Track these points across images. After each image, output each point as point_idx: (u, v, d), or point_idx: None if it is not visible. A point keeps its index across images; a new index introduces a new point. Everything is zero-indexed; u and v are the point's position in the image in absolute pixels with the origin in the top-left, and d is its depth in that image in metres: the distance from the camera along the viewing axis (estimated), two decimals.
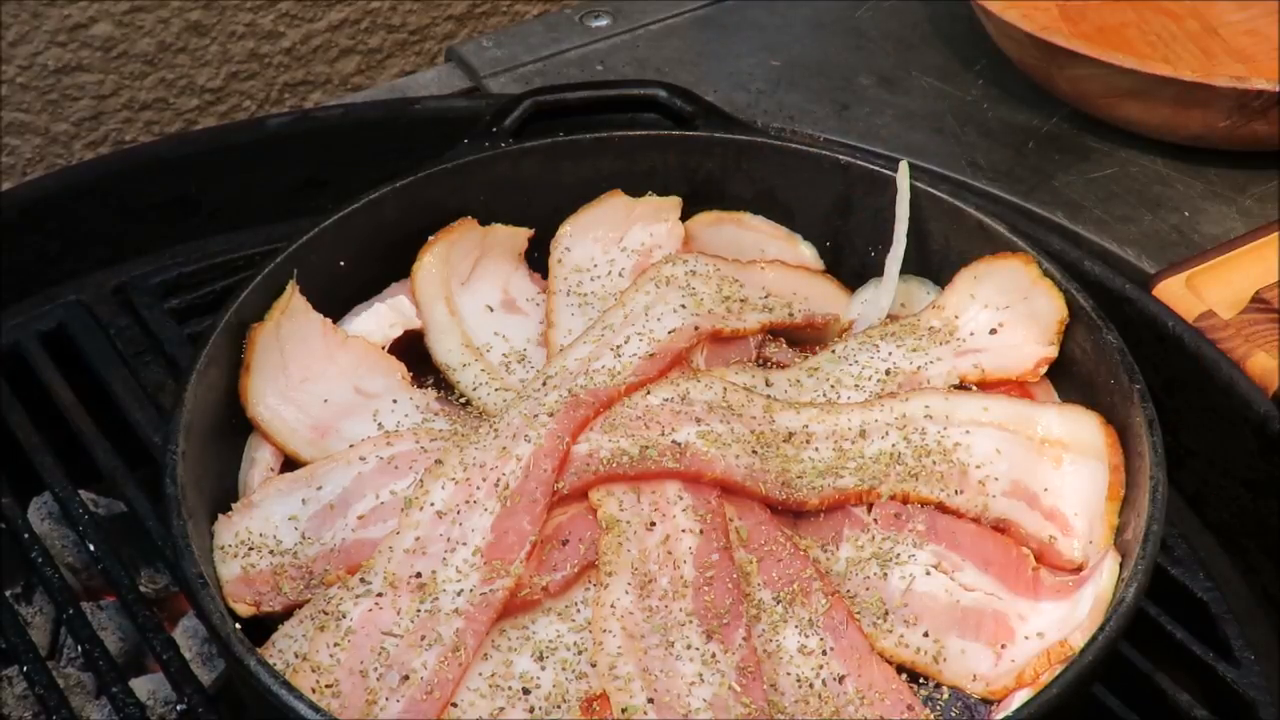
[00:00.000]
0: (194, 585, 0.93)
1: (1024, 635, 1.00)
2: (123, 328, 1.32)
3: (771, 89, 1.67)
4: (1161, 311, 1.30)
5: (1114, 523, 1.02)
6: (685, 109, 1.32)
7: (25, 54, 1.66)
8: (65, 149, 1.76)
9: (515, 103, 1.30)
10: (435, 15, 1.92)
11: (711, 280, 1.21)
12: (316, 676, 0.92)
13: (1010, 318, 1.17)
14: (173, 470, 0.98)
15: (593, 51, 1.74)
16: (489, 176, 1.25)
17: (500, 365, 1.19)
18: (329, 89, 1.90)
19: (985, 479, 1.07)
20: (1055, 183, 1.54)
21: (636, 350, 1.13)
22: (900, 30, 1.78)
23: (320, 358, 1.14)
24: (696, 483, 1.05)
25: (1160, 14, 1.72)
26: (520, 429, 1.05)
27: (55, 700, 1.05)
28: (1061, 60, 1.54)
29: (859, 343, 1.19)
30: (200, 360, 1.05)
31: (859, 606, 1.01)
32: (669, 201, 1.28)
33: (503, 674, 0.95)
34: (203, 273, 1.37)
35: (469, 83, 1.70)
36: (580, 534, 1.02)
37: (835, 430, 1.10)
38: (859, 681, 0.96)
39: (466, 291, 1.23)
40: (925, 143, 1.60)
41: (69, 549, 1.21)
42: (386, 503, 1.05)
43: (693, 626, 0.97)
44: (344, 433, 1.11)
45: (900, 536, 1.05)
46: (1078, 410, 1.09)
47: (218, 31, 1.77)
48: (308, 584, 1.00)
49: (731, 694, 0.93)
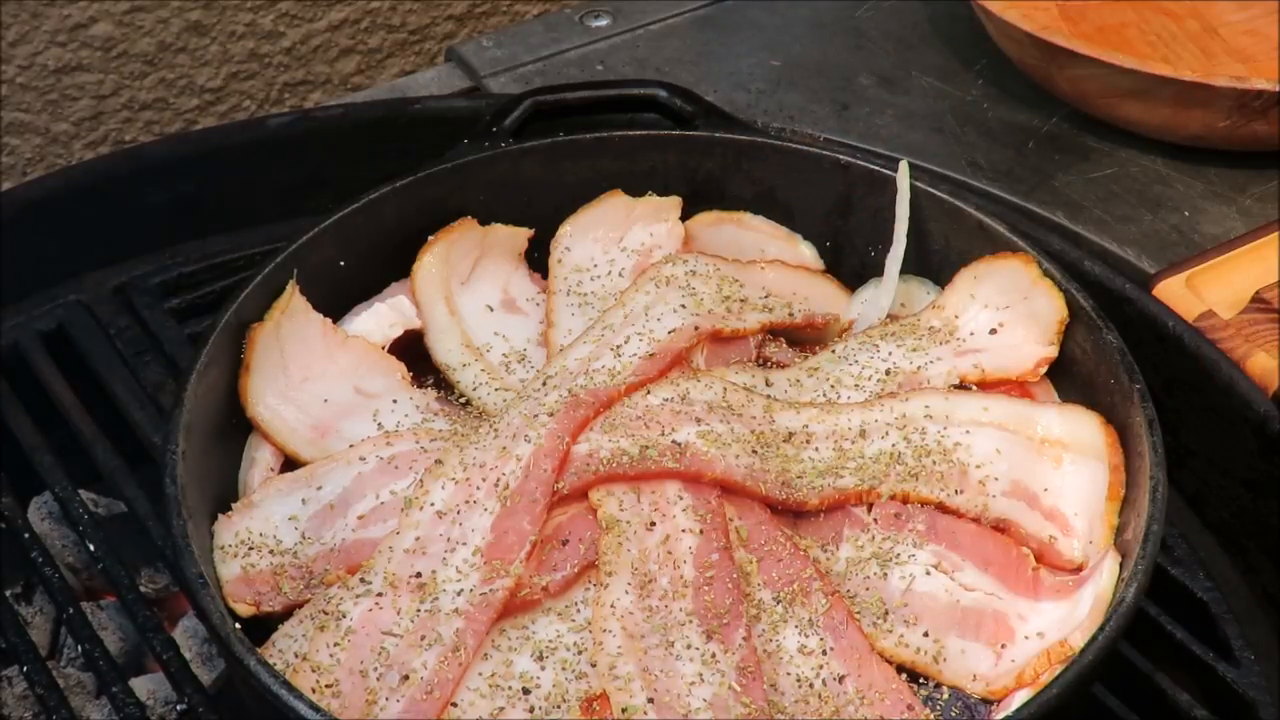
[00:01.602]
0: (194, 585, 0.93)
1: (1024, 635, 1.00)
2: (123, 328, 1.32)
3: (771, 89, 1.67)
4: (1161, 311, 1.30)
5: (1114, 523, 1.02)
6: (685, 109, 1.32)
7: (25, 54, 1.66)
8: (65, 149, 1.76)
9: (515, 103, 1.30)
10: (435, 15, 1.92)
11: (711, 280, 1.21)
12: (316, 676, 0.92)
13: (1010, 318, 1.17)
14: (173, 470, 0.98)
15: (593, 51, 1.74)
16: (489, 176, 1.25)
17: (500, 365, 1.19)
18: (329, 89, 1.90)
19: (985, 479, 1.07)
20: (1055, 183, 1.54)
21: (636, 350, 1.13)
22: (900, 30, 1.78)
23: (320, 358, 1.14)
24: (696, 483, 1.05)
25: (1160, 14, 1.72)
26: (520, 429, 1.05)
27: (55, 700, 1.05)
28: (1061, 60, 1.54)
29: (859, 343, 1.19)
30: (200, 360, 1.05)
31: (859, 606, 1.01)
32: (669, 201, 1.28)
33: (503, 674, 0.95)
34: (203, 273, 1.37)
35: (469, 83, 1.70)
36: (580, 534, 1.02)
37: (835, 430, 1.10)
38: (859, 681, 0.96)
39: (466, 291, 1.23)
40: (925, 143, 1.60)
41: (69, 549, 1.21)
42: (386, 503, 1.05)
43: (693, 626, 0.97)
44: (344, 433, 1.11)
45: (900, 536, 1.05)
46: (1078, 410, 1.09)
47: (218, 31, 1.77)
48: (308, 584, 1.00)
49: (731, 694, 0.93)
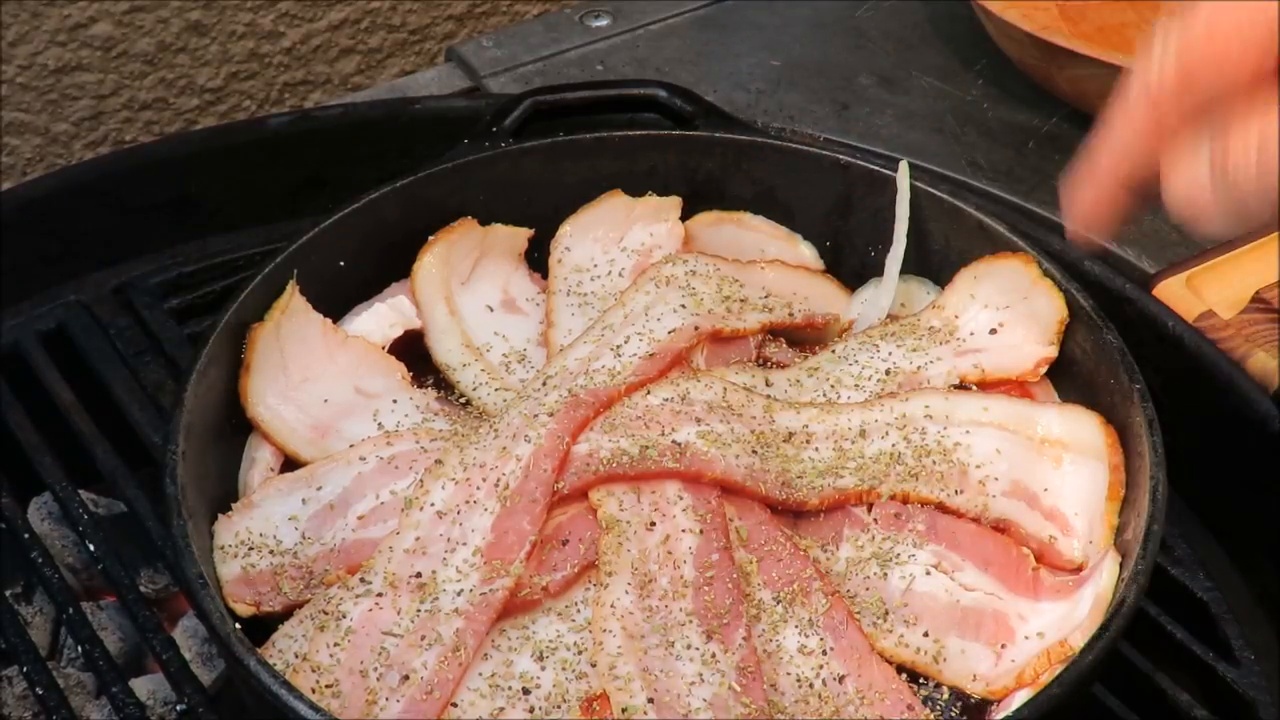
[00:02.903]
0: (194, 585, 0.93)
1: (1024, 635, 1.00)
2: (123, 328, 1.31)
3: (771, 89, 1.67)
4: (1161, 311, 1.30)
5: (1114, 523, 1.02)
6: (685, 109, 1.32)
7: (25, 54, 1.66)
8: (65, 149, 1.76)
9: (515, 103, 1.30)
10: (435, 15, 1.92)
11: (711, 280, 1.21)
12: (316, 676, 0.92)
13: (1010, 318, 1.17)
14: (173, 470, 0.98)
15: (593, 51, 1.74)
16: (489, 176, 1.25)
17: (500, 365, 1.19)
18: (329, 89, 1.90)
19: (985, 479, 1.07)
20: (1055, 183, 1.53)
21: (636, 350, 1.13)
22: (900, 30, 1.78)
23: (320, 358, 1.14)
24: (696, 483, 1.04)
25: (1160, 14, 1.72)
26: (520, 429, 1.05)
27: (55, 700, 1.05)
28: (1061, 60, 1.54)
29: (859, 343, 1.19)
30: (200, 360, 1.05)
31: (859, 606, 1.01)
32: (669, 201, 1.28)
33: (503, 674, 0.95)
34: (203, 273, 1.37)
35: (469, 83, 1.70)
36: (580, 534, 1.02)
37: (835, 430, 1.10)
38: (859, 681, 0.96)
39: (466, 291, 1.23)
40: (925, 143, 1.60)
41: (69, 549, 1.21)
42: (386, 503, 1.05)
43: (693, 626, 0.97)
44: (344, 433, 1.11)
45: (900, 536, 1.05)
46: (1078, 410, 1.09)
47: (218, 31, 1.77)
48: (308, 584, 1.00)
49: (731, 694, 0.93)
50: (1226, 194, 0.77)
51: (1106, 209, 0.86)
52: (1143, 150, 0.81)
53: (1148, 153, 0.81)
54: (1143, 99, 0.80)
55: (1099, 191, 0.85)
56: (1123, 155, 0.83)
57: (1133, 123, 0.81)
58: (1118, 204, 0.85)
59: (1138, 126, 0.81)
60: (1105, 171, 0.84)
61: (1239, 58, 0.76)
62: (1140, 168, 0.82)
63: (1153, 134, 0.80)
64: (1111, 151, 0.83)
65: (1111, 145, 0.83)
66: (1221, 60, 0.76)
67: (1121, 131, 0.82)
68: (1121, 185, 0.84)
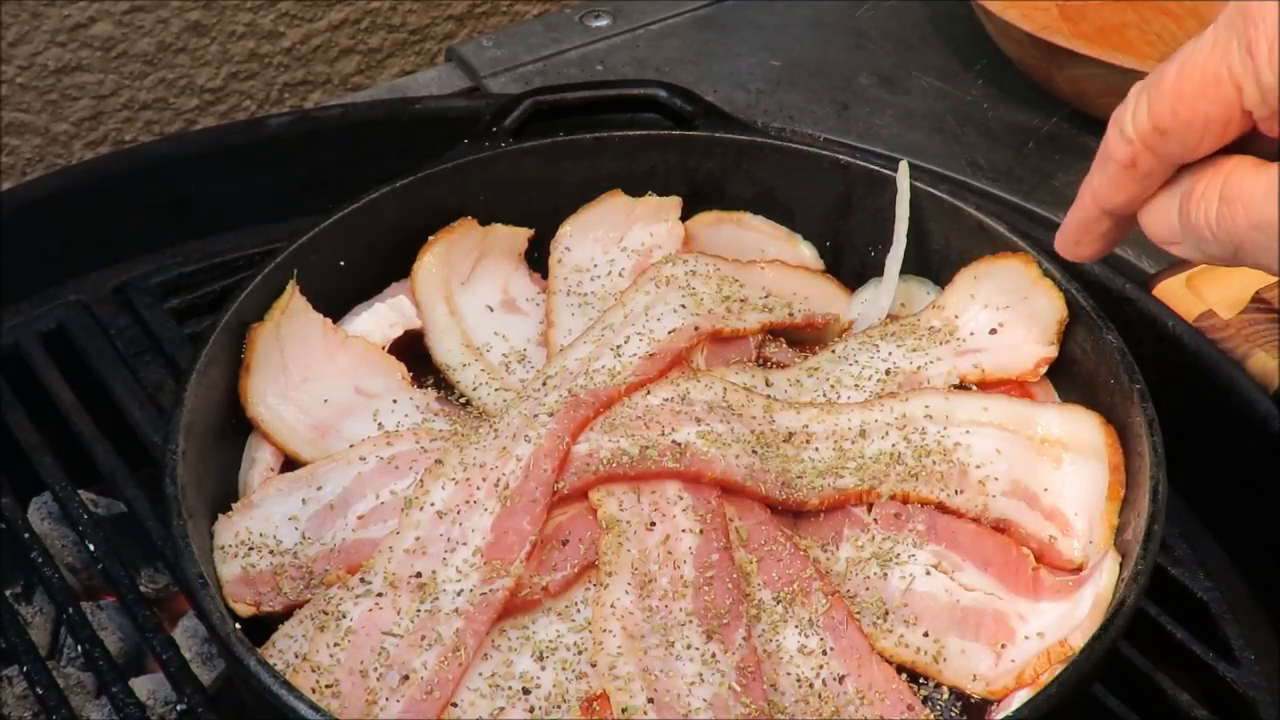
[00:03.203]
0: (194, 585, 0.93)
1: (1024, 635, 1.00)
2: (123, 328, 1.31)
3: (771, 89, 1.67)
4: (1161, 311, 1.30)
5: (1114, 523, 1.02)
6: (685, 109, 1.32)
7: (25, 54, 1.66)
8: (65, 149, 1.76)
9: (515, 103, 1.30)
10: (435, 15, 1.92)
11: (711, 280, 1.21)
12: (316, 676, 0.92)
13: (1010, 318, 1.17)
14: (173, 470, 0.98)
15: (593, 51, 1.74)
16: (489, 176, 1.25)
17: (500, 365, 1.19)
18: (329, 89, 1.90)
19: (985, 479, 1.07)
20: (1055, 183, 1.54)
21: (636, 350, 1.13)
22: (900, 30, 1.78)
23: (320, 358, 1.14)
24: (696, 483, 1.04)
25: (1160, 14, 1.72)
26: (520, 429, 1.05)
27: (55, 700, 1.05)
28: (1061, 60, 1.54)
29: (859, 343, 1.19)
30: (200, 360, 1.05)
31: (859, 606, 1.01)
32: (669, 201, 1.28)
33: (503, 674, 0.95)
34: (203, 273, 1.37)
35: (469, 83, 1.70)
36: (580, 534, 1.02)
37: (835, 430, 1.10)
38: (859, 681, 0.96)
39: (466, 291, 1.23)
40: (925, 143, 1.60)
41: (69, 549, 1.21)
42: (386, 503, 1.05)
43: (693, 626, 0.97)
44: (344, 433, 1.11)
45: (900, 536, 1.05)
46: (1078, 410, 1.09)
47: (218, 31, 1.77)
48: (308, 584, 1.00)
49: (731, 694, 0.93)
50: (1188, 237, 0.85)
51: (1091, 237, 0.94)
52: (1122, 190, 0.89)
53: (1126, 192, 0.89)
54: (1121, 147, 0.86)
55: (1084, 219, 0.93)
56: (1105, 194, 0.90)
57: (1110, 167, 0.88)
58: (1103, 233, 0.94)
59: (1115, 170, 0.88)
60: (1088, 207, 0.92)
61: (1205, 118, 0.82)
62: (1120, 206, 0.90)
63: (1130, 177, 0.87)
64: (1094, 191, 0.91)
65: (1094, 186, 0.91)
66: (1189, 118, 0.82)
67: (1101, 173, 0.89)
68: (1104, 217, 0.92)
